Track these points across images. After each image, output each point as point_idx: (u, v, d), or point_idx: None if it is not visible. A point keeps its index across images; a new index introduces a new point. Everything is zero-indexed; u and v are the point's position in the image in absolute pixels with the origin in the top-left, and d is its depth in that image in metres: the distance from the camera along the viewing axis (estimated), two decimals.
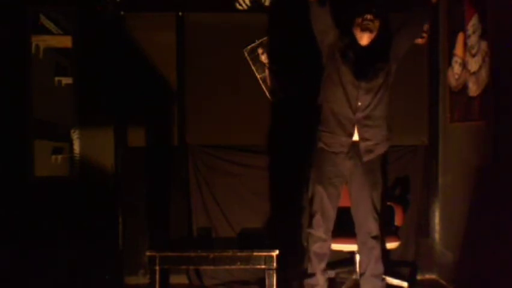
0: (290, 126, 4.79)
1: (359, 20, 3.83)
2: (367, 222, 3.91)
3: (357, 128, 3.86)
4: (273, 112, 4.80)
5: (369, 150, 3.87)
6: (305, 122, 4.77)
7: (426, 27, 4.65)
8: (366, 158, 3.88)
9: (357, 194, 3.95)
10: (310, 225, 4.01)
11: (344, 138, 3.88)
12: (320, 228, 3.95)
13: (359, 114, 3.84)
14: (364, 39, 3.85)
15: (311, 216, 3.99)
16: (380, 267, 3.95)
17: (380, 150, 3.91)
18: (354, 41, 3.89)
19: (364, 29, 3.82)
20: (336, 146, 3.91)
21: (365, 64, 3.85)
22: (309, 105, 4.46)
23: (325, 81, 3.96)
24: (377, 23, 3.83)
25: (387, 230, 4.35)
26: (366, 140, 3.86)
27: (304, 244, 4.65)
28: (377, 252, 3.92)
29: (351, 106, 3.84)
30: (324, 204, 3.93)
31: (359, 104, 3.83)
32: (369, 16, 3.81)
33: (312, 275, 4.00)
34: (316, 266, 3.98)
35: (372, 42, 3.87)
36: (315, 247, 3.98)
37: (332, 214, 3.96)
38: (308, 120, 4.76)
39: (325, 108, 3.94)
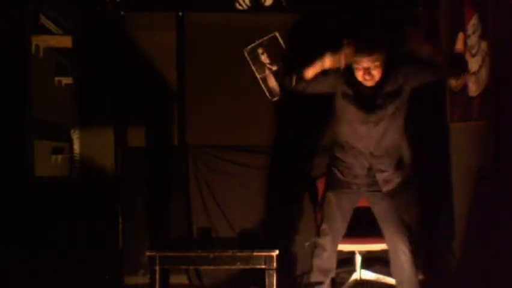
0: (290, 126, 4.80)
1: (359, 67, 3.66)
2: (396, 240, 3.74)
3: (372, 160, 3.76)
4: (273, 112, 4.80)
5: (387, 181, 3.77)
6: (305, 122, 4.80)
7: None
8: (385, 189, 3.77)
9: (381, 219, 3.81)
10: (317, 233, 3.88)
11: (358, 170, 3.78)
12: (326, 238, 3.80)
13: (372, 147, 3.74)
14: (368, 83, 3.70)
15: (320, 225, 3.89)
16: (414, 281, 3.79)
17: (398, 179, 3.78)
18: (356, 79, 3.74)
19: (365, 80, 3.67)
20: (350, 177, 3.80)
21: (371, 97, 3.73)
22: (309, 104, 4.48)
23: (334, 115, 3.87)
24: (378, 63, 3.64)
25: None
26: (382, 171, 3.76)
27: (305, 245, 4.66)
28: (410, 267, 3.73)
29: (363, 141, 3.74)
30: (333, 213, 3.80)
31: (371, 137, 3.73)
32: (366, 64, 3.61)
33: (316, 284, 3.87)
34: (321, 279, 3.86)
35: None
36: (319, 261, 3.83)
37: (340, 226, 3.81)
38: (307, 121, 4.80)
39: (339, 139, 3.84)
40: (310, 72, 3.77)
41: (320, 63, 3.74)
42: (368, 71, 3.65)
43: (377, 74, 3.67)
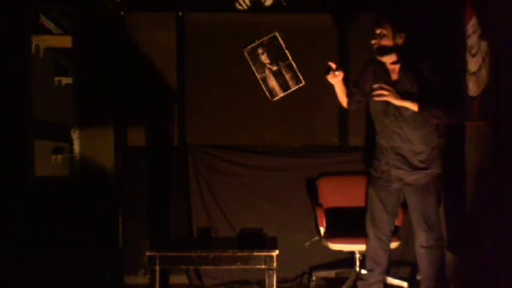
0: (290, 126, 4.80)
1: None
2: (418, 233, 3.98)
3: (392, 155, 3.94)
4: (273, 112, 4.80)
5: (400, 179, 3.94)
6: (304, 122, 4.81)
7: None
8: (395, 186, 3.97)
9: (410, 212, 4.07)
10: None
11: (384, 167, 3.98)
12: (369, 228, 4.09)
13: (393, 142, 3.92)
14: (385, 60, 3.87)
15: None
16: (433, 275, 3.98)
17: (418, 181, 3.91)
18: (382, 71, 3.93)
19: (374, 44, 3.86)
20: (379, 172, 4.03)
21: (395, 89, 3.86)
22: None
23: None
24: (384, 32, 3.81)
25: None
26: (397, 168, 3.94)
27: (305, 245, 4.66)
28: (428, 261, 3.96)
29: (387, 135, 3.95)
30: (374, 206, 4.05)
31: (393, 132, 3.90)
32: (377, 31, 3.82)
33: (368, 271, 4.12)
34: (371, 266, 4.09)
35: (403, 70, 3.86)
36: (367, 249, 4.12)
37: (383, 218, 4.04)
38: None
39: (375, 138, 4.08)
40: (340, 96, 4.14)
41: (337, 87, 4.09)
42: (375, 37, 3.84)
43: (386, 40, 3.83)
